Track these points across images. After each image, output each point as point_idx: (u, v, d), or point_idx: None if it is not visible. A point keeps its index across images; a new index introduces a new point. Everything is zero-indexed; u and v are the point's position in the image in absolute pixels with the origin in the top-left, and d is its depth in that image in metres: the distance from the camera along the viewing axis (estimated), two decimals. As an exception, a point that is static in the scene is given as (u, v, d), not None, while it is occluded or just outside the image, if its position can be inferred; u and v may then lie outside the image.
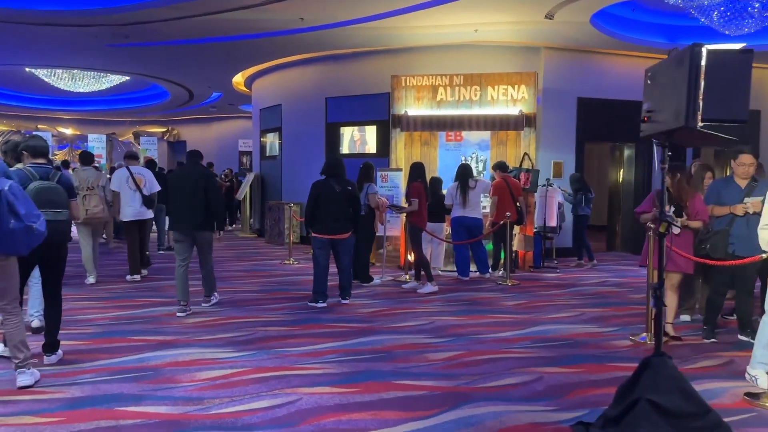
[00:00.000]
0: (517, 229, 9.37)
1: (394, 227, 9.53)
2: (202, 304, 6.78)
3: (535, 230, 9.74)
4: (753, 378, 4.30)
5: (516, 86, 9.62)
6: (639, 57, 11.71)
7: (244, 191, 14.92)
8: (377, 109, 11.86)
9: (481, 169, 10.74)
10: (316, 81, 12.86)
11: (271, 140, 14.50)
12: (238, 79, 16.18)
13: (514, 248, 9.29)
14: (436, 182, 9.00)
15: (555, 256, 10.54)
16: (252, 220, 15.38)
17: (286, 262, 10.27)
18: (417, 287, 7.91)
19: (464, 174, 8.69)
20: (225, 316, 6.33)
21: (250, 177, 15.02)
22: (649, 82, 3.33)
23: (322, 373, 4.48)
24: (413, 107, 9.81)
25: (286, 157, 13.75)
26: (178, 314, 6.33)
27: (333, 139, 12.46)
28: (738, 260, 5.12)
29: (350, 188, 6.83)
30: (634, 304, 7.19)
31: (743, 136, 12.46)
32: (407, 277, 8.65)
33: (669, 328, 5.59)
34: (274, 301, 7.06)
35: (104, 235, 12.02)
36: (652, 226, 5.40)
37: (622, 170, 12.62)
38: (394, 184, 9.75)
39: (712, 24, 8.91)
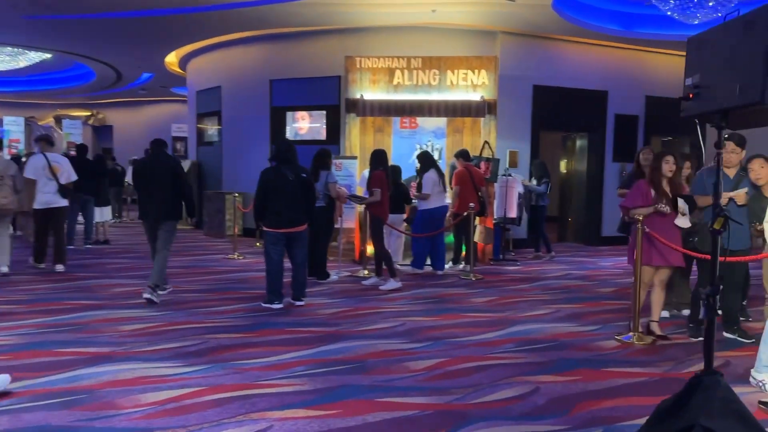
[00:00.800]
0: (477, 220, 8.97)
1: (348, 219, 8.94)
2: (160, 291, 6.46)
3: (495, 222, 9.38)
4: (761, 384, 3.99)
5: (476, 71, 9.19)
6: (594, 45, 11.53)
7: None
8: (327, 94, 11.19)
9: (437, 158, 10.28)
10: (259, 62, 12.04)
11: (210, 125, 13.57)
12: (172, 59, 15.09)
13: (475, 240, 8.89)
14: (396, 171, 8.46)
15: (512, 248, 10.23)
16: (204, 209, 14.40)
17: (230, 256, 9.50)
18: (378, 283, 7.37)
19: (434, 161, 8.27)
20: (168, 321, 5.59)
21: (185, 164, 14.01)
22: (694, 52, 2.84)
23: (292, 391, 3.87)
24: (369, 91, 9.23)
25: (226, 144, 12.87)
26: (145, 296, 6.24)
27: (278, 125, 11.69)
28: (732, 257, 4.82)
29: (305, 176, 6.19)
30: (604, 298, 6.90)
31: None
32: (366, 272, 8.10)
33: (655, 327, 5.28)
34: (223, 302, 6.35)
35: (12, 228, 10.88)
36: (639, 218, 5.04)
37: (573, 160, 12.47)
38: (348, 172, 9.15)
39: (670, 12, 8.76)
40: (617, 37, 10.96)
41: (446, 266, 8.73)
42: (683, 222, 5.03)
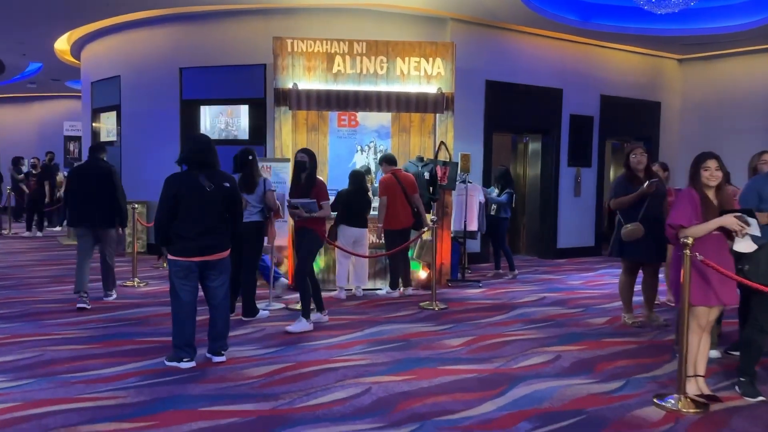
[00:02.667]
0: (427, 235, 7.57)
1: (281, 235, 7.28)
2: (104, 298, 6.72)
3: (452, 235, 7.99)
4: None
5: (430, 59, 7.77)
6: (549, 38, 10.45)
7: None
8: (250, 85, 9.48)
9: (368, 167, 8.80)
10: (166, 47, 10.13)
11: (107, 122, 11.47)
12: (63, 46, 12.83)
13: (413, 258, 7.47)
14: (357, 177, 6.94)
15: (467, 265, 8.87)
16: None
17: (128, 283, 7.60)
18: (320, 320, 5.79)
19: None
20: (23, 391, 3.80)
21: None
22: None
23: None
24: (303, 80, 7.61)
25: (127, 144, 10.83)
26: (79, 305, 6.22)
27: (191, 121, 9.84)
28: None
29: (228, 185, 4.52)
30: (604, 334, 5.62)
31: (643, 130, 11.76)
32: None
33: (702, 385, 4.00)
34: (109, 360, 4.57)
35: None
36: (690, 242, 3.73)
37: (525, 165, 11.34)
38: (279, 178, 7.50)
39: (638, 3, 7.74)
40: (574, 28, 9.90)
41: (381, 291, 7.30)
42: (746, 246, 3.77)
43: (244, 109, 9.61)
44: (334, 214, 7.14)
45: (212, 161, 4.50)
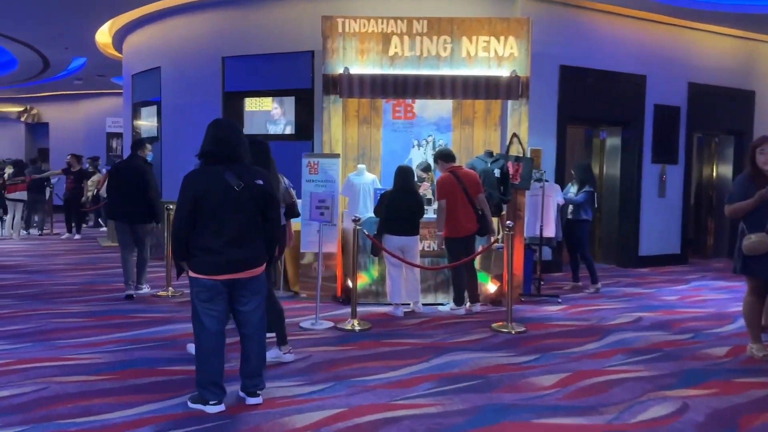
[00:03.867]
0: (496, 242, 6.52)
1: (329, 242, 6.37)
2: (136, 292, 6.79)
3: (525, 243, 6.92)
4: None
5: (502, 38, 6.71)
6: (631, 18, 9.23)
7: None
8: (297, 74, 8.62)
9: (428, 162, 7.81)
10: (208, 35, 9.38)
11: (148, 117, 10.82)
12: (105, 39, 12.32)
13: (486, 270, 6.43)
14: (405, 175, 5.99)
15: (540, 275, 7.74)
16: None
17: (161, 293, 6.82)
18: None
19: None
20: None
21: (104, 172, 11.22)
22: None
23: None
24: (356, 64, 6.67)
25: (167, 140, 10.15)
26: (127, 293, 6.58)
27: (234, 114, 9.05)
28: None
29: (261, 182, 3.59)
30: (732, 372, 4.46)
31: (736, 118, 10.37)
32: (355, 322, 5.52)
33: None
34: (125, 398, 3.72)
35: None
36: None
37: (603, 162, 10.12)
38: (327, 177, 6.58)
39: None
40: (660, 5, 8.66)
41: (444, 307, 6.29)
42: None
43: (289, 101, 8.75)
44: (367, 216, 6.20)
45: (240, 153, 3.57)
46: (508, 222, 5.71)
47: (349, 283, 6.52)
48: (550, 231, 6.97)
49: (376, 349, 4.83)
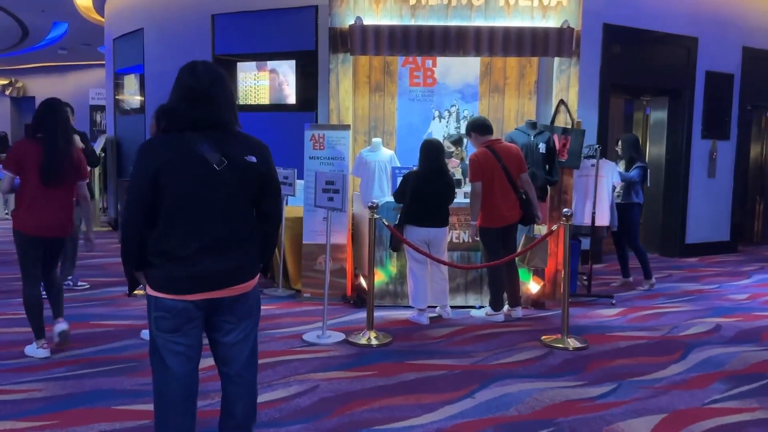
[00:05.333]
0: (538, 230, 5.37)
1: (338, 231, 5.26)
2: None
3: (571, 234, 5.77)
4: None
5: (547, -17, 5.51)
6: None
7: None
8: (297, 34, 7.43)
9: (461, 134, 6.66)
10: (196, -11, 8.18)
11: (131, 85, 9.64)
12: (85, 1, 11.08)
13: (528, 266, 5.31)
14: (433, 151, 4.84)
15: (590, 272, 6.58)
16: (104, 205, 10.50)
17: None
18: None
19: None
20: None
21: (101, 141, 10.09)
22: None
23: None
24: (370, 15, 5.48)
25: (151, 111, 8.95)
26: None
27: (225, 82, 7.87)
28: None
29: (254, 159, 2.38)
30: None
31: None
32: (372, 334, 4.41)
33: None
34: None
35: None
36: None
37: (646, 138, 8.94)
38: (336, 153, 5.44)
39: None
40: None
41: (477, 312, 5.18)
42: None
43: (289, 66, 7.56)
44: (384, 200, 5.08)
45: (226, 116, 2.43)
46: (565, 210, 4.57)
47: (362, 282, 5.43)
48: (604, 218, 5.82)
49: (402, 375, 3.73)
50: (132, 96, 9.55)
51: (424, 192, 4.73)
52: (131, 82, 9.52)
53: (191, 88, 2.42)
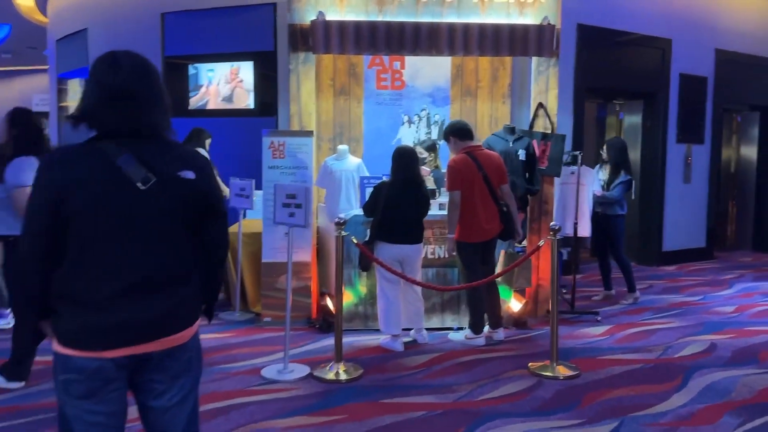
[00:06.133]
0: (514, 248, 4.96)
1: (302, 248, 4.77)
2: None
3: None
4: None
5: (524, -22, 5.12)
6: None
7: (33, 174, 9.25)
8: (255, 33, 6.91)
9: (433, 139, 6.24)
10: (144, -15, 7.58)
11: (75, 90, 8.96)
12: (27, 1, 10.33)
13: (514, 287, 4.90)
14: (406, 158, 4.38)
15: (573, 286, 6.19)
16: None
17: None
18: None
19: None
20: None
21: (43, 151, 9.34)
22: None
23: None
24: (333, 11, 5.00)
25: (97, 118, 8.30)
26: None
27: (177, 85, 7.31)
28: None
29: (192, 175, 1.87)
30: None
31: None
32: (342, 368, 3.91)
33: None
34: None
35: None
36: None
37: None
38: (297, 162, 4.94)
39: None
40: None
41: (456, 335, 4.73)
42: None
43: (247, 68, 7.03)
44: (352, 214, 4.62)
45: (151, 119, 1.91)
46: (552, 224, 4.15)
47: (329, 303, 4.94)
48: (586, 229, 5.46)
49: (376, 419, 3.24)
50: (76, 101, 8.84)
51: (397, 205, 4.26)
52: (76, 86, 8.83)
53: (109, 85, 1.90)
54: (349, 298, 4.84)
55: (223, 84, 7.13)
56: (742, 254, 9.14)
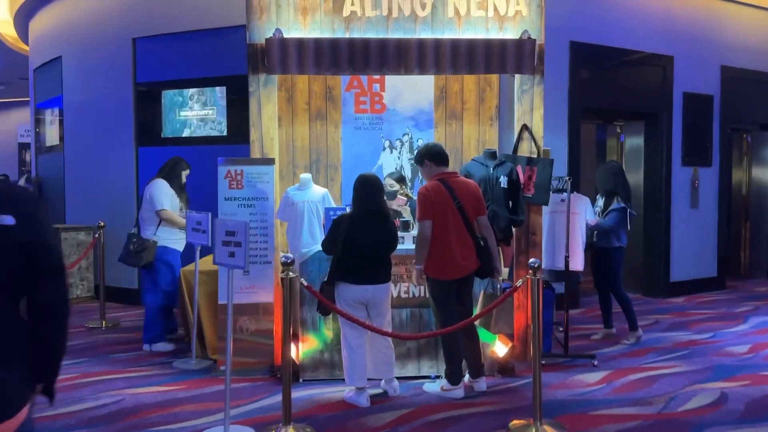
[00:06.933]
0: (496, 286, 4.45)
1: (261, 288, 4.31)
2: None
3: (542, 278, 4.87)
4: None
5: (504, -10, 4.69)
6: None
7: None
8: (226, 58, 6.56)
9: (399, 171, 5.79)
10: (115, 10, 7.26)
11: (51, 120, 8.64)
12: (9, 30, 10.11)
13: (494, 332, 4.38)
14: (370, 188, 3.91)
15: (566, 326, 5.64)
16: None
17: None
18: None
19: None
20: None
21: (20, 182, 9.02)
22: None
23: None
24: (296, 29, 4.60)
25: (70, 148, 7.95)
26: None
27: (149, 114, 6.96)
28: None
29: (14, 220, 1.50)
30: None
31: None
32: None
33: None
34: None
35: None
36: None
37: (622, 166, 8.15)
38: (257, 192, 4.50)
39: None
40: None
41: (431, 386, 4.19)
42: None
43: (219, 93, 6.65)
44: (314, 250, 4.12)
45: None
46: (531, 261, 3.64)
47: (292, 350, 4.43)
48: (578, 262, 4.94)
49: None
50: (52, 131, 8.52)
51: (358, 240, 3.79)
52: (51, 115, 8.52)
53: None
54: (313, 344, 4.35)
55: (196, 110, 6.75)
56: (757, 283, 8.56)
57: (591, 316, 6.38)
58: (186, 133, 6.82)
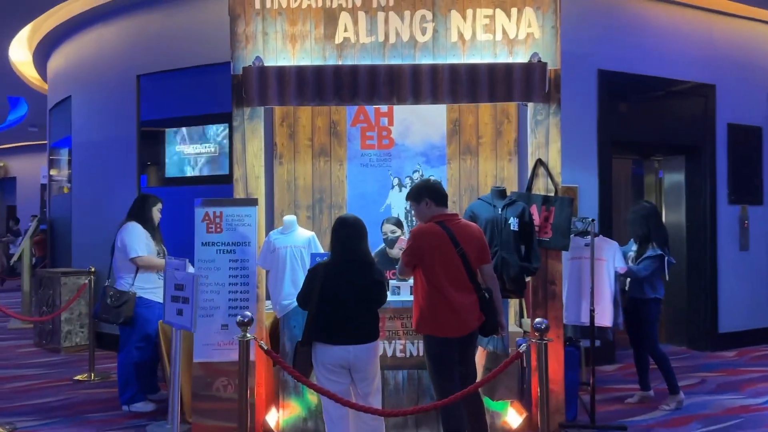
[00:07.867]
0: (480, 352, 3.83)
1: (232, 346, 3.82)
2: None
3: (565, 336, 4.23)
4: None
5: (514, 10, 4.20)
6: (693, 7, 6.77)
7: (20, 251, 8.70)
8: (228, 94, 6.22)
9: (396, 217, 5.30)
10: (121, 46, 7.08)
11: (62, 160, 8.49)
12: (28, 68, 10.07)
13: (495, 400, 3.76)
14: (352, 232, 3.39)
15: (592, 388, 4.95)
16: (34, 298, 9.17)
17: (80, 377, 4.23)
18: None
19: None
20: None
21: (32, 226, 8.86)
22: None
23: None
24: (284, 57, 4.20)
25: (77, 189, 7.74)
26: None
27: (154, 154, 6.68)
28: None
29: None
30: None
31: None
32: None
33: None
34: None
35: None
36: None
37: (660, 204, 7.45)
38: (238, 236, 4.05)
39: None
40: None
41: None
42: None
43: (222, 130, 6.33)
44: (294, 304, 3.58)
45: None
46: (537, 321, 3.04)
47: (269, 420, 3.91)
48: (606, 317, 4.29)
49: None
50: (62, 171, 8.36)
51: (337, 293, 3.26)
52: (62, 156, 8.38)
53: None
54: (295, 410, 3.82)
55: (198, 149, 6.45)
56: (820, 335, 7.62)
57: (628, 373, 5.65)
58: (189, 173, 6.49)
